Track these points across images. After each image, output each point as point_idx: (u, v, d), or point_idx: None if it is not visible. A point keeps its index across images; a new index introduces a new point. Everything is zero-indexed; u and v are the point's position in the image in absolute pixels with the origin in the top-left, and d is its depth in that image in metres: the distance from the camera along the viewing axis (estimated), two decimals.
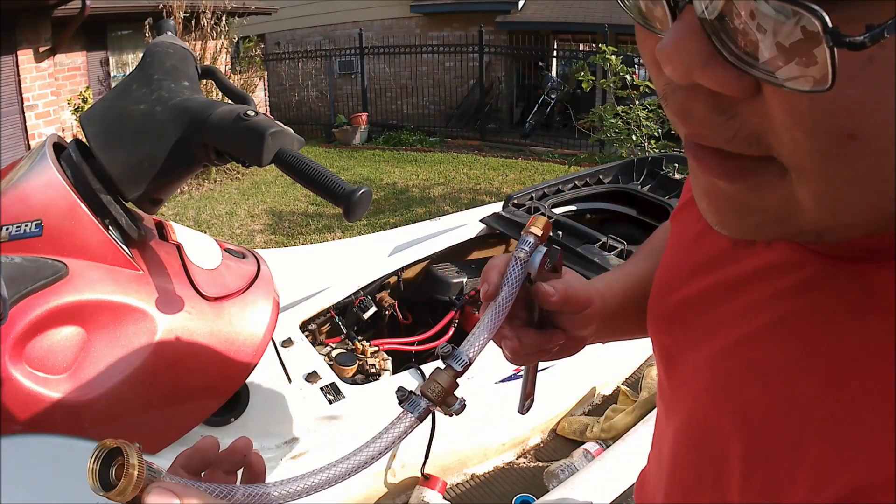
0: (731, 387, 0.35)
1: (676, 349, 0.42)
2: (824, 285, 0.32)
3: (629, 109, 4.74)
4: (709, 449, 0.36)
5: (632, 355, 1.74)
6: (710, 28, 0.23)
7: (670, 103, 0.27)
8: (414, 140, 8.47)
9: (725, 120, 0.26)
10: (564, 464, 1.31)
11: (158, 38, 0.98)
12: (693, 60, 0.24)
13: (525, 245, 0.49)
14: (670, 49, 0.24)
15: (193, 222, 5.02)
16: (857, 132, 0.22)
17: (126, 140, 0.84)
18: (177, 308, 0.87)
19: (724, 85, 0.24)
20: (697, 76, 0.24)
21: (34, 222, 0.80)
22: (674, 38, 0.24)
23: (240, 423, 1.00)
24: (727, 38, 0.23)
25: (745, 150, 0.26)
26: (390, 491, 1.24)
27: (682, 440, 0.39)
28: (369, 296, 1.56)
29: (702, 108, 0.26)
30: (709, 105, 0.26)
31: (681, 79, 0.25)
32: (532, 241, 0.49)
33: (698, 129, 0.27)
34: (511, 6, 9.23)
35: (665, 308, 0.44)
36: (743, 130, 0.26)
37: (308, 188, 0.78)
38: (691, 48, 0.24)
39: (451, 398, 0.47)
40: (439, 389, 0.46)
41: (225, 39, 6.60)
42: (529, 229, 0.49)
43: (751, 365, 0.34)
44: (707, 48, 0.23)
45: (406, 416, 0.46)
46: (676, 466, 0.40)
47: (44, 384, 0.76)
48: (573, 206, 2.04)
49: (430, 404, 0.46)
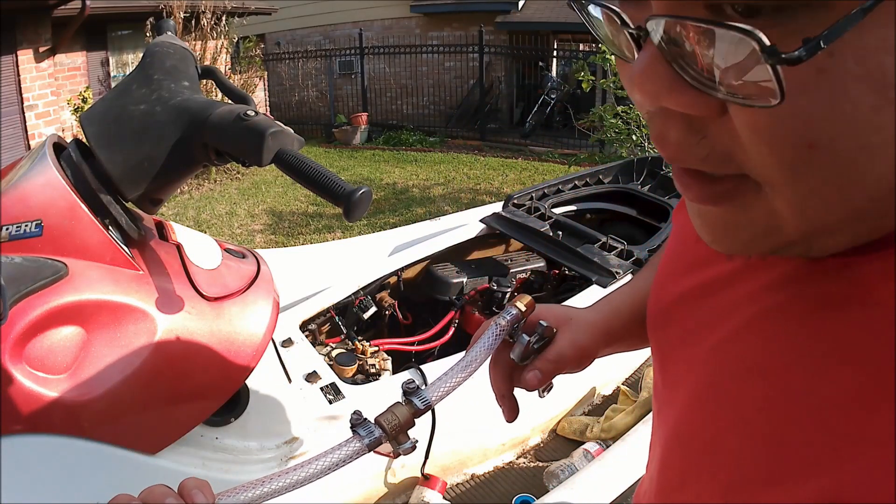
0: (716, 384, 0.35)
1: (669, 347, 0.42)
2: (808, 277, 0.32)
3: (629, 109, 4.74)
4: (695, 448, 0.36)
5: (632, 355, 1.74)
6: (668, 55, 0.24)
7: (651, 129, 0.29)
8: (414, 140, 8.47)
9: (698, 140, 0.27)
10: (564, 464, 1.31)
11: (158, 38, 0.98)
12: (658, 86, 0.25)
13: (507, 315, 0.53)
14: (638, 77, 0.26)
15: (193, 222, 5.02)
16: (817, 141, 0.23)
17: (126, 140, 0.84)
18: (177, 308, 0.87)
19: (689, 106, 0.25)
20: (664, 100, 0.26)
21: (34, 222, 0.80)
22: (640, 66, 0.26)
23: (240, 423, 1.00)
24: (685, 63, 0.24)
25: (719, 170, 0.27)
26: (390, 491, 1.24)
27: (671, 440, 0.39)
28: (369, 296, 1.56)
29: (676, 131, 0.27)
30: (682, 128, 0.27)
31: (650, 104, 0.27)
32: (514, 312, 0.53)
33: (675, 152, 0.28)
34: (511, 6, 9.23)
35: (660, 307, 0.45)
36: (715, 150, 0.27)
37: (308, 188, 0.78)
38: (655, 75, 0.25)
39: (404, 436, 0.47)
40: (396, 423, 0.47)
41: (225, 39, 6.60)
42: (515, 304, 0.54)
43: (735, 361, 0.34)
44: (669, 73, 0.25)
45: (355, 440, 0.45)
46: (665, 466, 0.40)
47: (44, 384, 0.76)
48: (573, 206, 2.04)
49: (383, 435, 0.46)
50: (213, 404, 0.91)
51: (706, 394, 0.36)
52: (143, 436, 0.85)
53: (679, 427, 0.38)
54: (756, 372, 0.32)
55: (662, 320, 0.44)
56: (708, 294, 0.39)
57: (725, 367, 0.35)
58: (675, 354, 0.41)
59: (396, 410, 0.48)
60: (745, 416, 0.32)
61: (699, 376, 0.37)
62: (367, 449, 0.45)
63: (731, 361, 0.35)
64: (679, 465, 0.38)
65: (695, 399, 0.37)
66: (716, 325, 0.37)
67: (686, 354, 0.39)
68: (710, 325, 0.37)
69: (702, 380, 0.37)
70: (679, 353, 0.41)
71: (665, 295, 0.44)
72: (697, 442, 0.36)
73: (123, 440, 0.82)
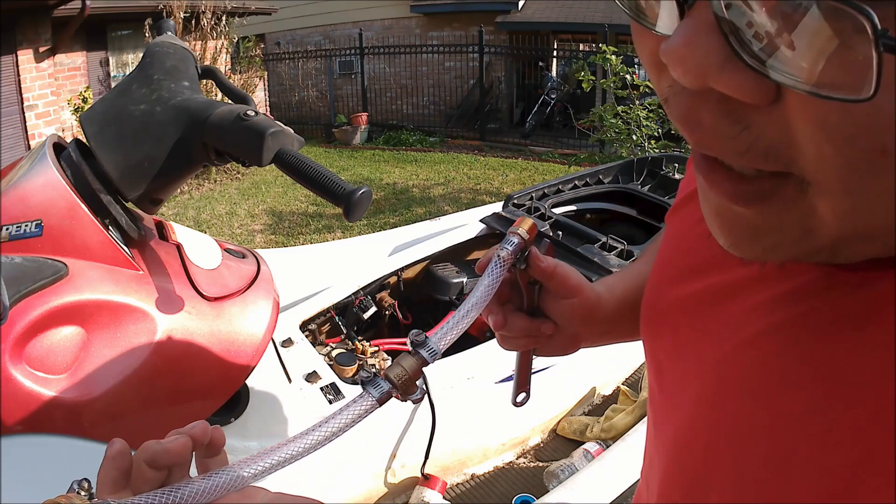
0: (722, 399, 0.33)
1: (665, 355, 0.41)
2: (823, 292, 0.30)
3: (629, 109, 4.74)
4: (697, 465, 0.34)
5: (632, 355, 1.74)
6: (727, 27, 0.20)
7: (673, 107, 0.25)
8: (414, 140, 8.47)
9: (739, 131, 0.23)
10: (564, 464, 1.31)
11: (158, 38, 0.98)
12: (708, 62, 0.21)
13: (508, 245, 0.49)
14: (681, 50, 0.22)
15: (193, 222, 5.02)
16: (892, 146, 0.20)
17: (126, 140, 0.84)
18: (177, 308, 0.87)
19: (741, 90, 0.21)
20: (712, 80, 0.21)
21: (34, 222, 0.80)
22: (684, 37, 0.21)
23: (240, 422, 1.00)
24: (747, 38, 0.20)
25: (759, 165, 0.24)
26: (390, 491, 1.24)
27: (672, 455, 0.37)
28: (369, 296, 1.56)
29: (711, 115, 0.23)
30: (719, 113, 0.23)
31: (693, 82, 0.22)
32: (516, 241, 0.49)
33: (707, 140, 0.24)
34: (511, 6, 9.23)
35: (655, 312, 0.43)
36: (758, 143, 0.23)
37: (308, 188, 0.78)
38: (706, 48, 0.21)
39: (413, 387, 0.47)
40: (404, 375, 0.46)
41: (225, 39, 6.60)
42: (516, 230, 0.49)
43: (743, 376, 0.32)
44: (723, 48, 0.21)
45: (366, 396, 0.45)
46: (665, 482, 0.38)
47: (44, 384, 0.76)
48: (573, 206, 2.04)
49: (392, 388, 0.46)
50: (213, 404, 0.91)
51: (712, 412, 0.34)
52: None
53: (679, 442, 0.37)
54: (764, 392, 0.31)
55: (658, 326, 0.42)
56: (712, 302, 0.36)
57: (732, 384, 0.33)
58: (673, 363, 0.39)
59: (404, 363, 0.47)
60: (752, 432, 0.30)
61: (704, 391, 0.35)
62: (378, 404, 0.45)
63: (738, 378, 0.32)
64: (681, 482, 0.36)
65: (700, 417, 0.35)
66: (722, 337, 0.34)
67: (686, 364, 0.37)
68: (714, 336, 0.35)
69: (707, 395, 0.34)
70: (677, 362, 0.39)
71: (661, 300, 0.42)
72: (700, 458, 0.34)
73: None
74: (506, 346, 0.55)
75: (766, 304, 0.32)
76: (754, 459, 0.30)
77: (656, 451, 0.41)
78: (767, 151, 0.23)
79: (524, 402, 0.59)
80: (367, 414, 0.45)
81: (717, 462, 0.33)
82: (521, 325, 0.52)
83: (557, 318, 0.53)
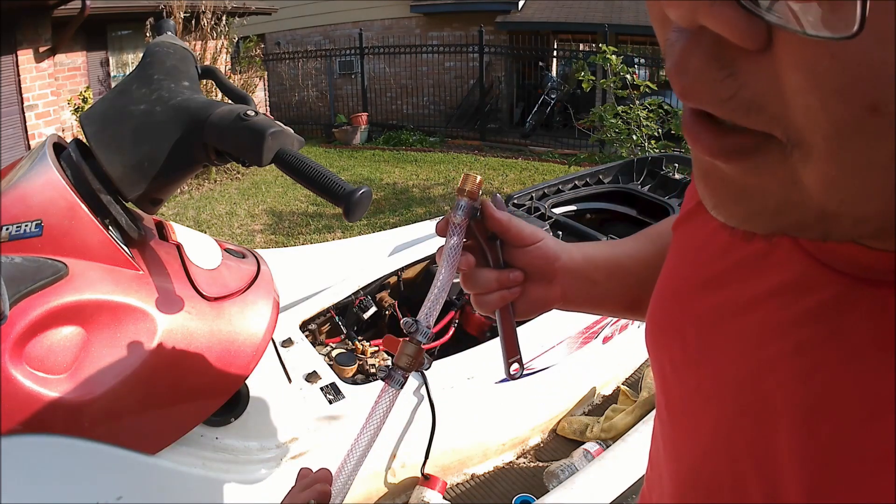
0: (744, 425, 0.32)
1: (671, 367, 0.40)
2: (847, 310, 0.28)
3: (629, 109, 4.74)
4: (721, 495, 0.33)
5: (632, 355, 1.74)
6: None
7: (668, 56, 0.25)
8: (414, 140, 8.47)
9: (724, 77, 0.23)
10: (564, 464, 1.31)
11: (158, 38, 0.98)
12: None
13: (459, 210, 0.52)
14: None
15: (193, 222, 5.02)
16: (883, 105, 0.19)
17: (126, 140, 0.84)
18: (177, 308, 0.87)
19: (731, 27, 0.21)
20: (703, 14, 0.21)
21: (34, 222, 0.80)
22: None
23: (240, 423, 1.00)
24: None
25: (740, 119, 0.23)
26: (390, 491, 1.24)
27: (690, 481, 0.36)
28: (369, 296, 1.56)
29: (700, 59, 0.23)
30: (707, 56, 0.23)
31: (684, 18, 0.22)
32: (464, 203, 0.52)
33: (691, 84, 0.24)
34: (511, 6, 9.23)
35: (662, 322, 0.42)
36: (743, 92, 0.23)
37: (308, 188, 0.78)
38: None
39: (420, 361, 0.54)
40: (410, 360, 0.53)
41: (225, 39, 6.60)
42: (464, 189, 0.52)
43: (766, 399, 0.31)
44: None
45: (389, 389, 0.53)
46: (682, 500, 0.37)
47: (44, 384, 0.76)
48: (573, 206, 2.04)
49: (406, 371, 0.54)
50: (213, 404, 0.91)
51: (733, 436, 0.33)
52: (143, 436, 0.85)
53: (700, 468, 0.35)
54: (790, 413, 0.30)
55: (665, 337, 0.41)
56: (726, 317, 0.35)
57: (755, 410, 0.32)
58: (682, 375, 0.38)
59: (407, 350, 0.53)
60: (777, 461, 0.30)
61: (723, 413, 0.34)
62: (400, 388, 0.54)
63: (760, 403, 0.31)
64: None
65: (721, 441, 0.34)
66: (740, 354, 0.33)
67: (699, 380, 0.36)
68: (730, 352, 0.34)
69: (727, 418, 0.33)
70: (687, 375, 0.38)
71: (668, 311, 0.41)
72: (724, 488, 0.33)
73: (123, 440, 0.82)
74: (482, 308, 0.56)
75: (786, 323, 0.31)
76: (780, 490, 0.29)
77: (669, 475, 0.40)
78: (750, 104, 0.23)
79: (519, 375, 0.59)
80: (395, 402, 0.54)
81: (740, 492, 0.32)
82: (489, 277, 0.54)
83: (523, 267, 0.56)
